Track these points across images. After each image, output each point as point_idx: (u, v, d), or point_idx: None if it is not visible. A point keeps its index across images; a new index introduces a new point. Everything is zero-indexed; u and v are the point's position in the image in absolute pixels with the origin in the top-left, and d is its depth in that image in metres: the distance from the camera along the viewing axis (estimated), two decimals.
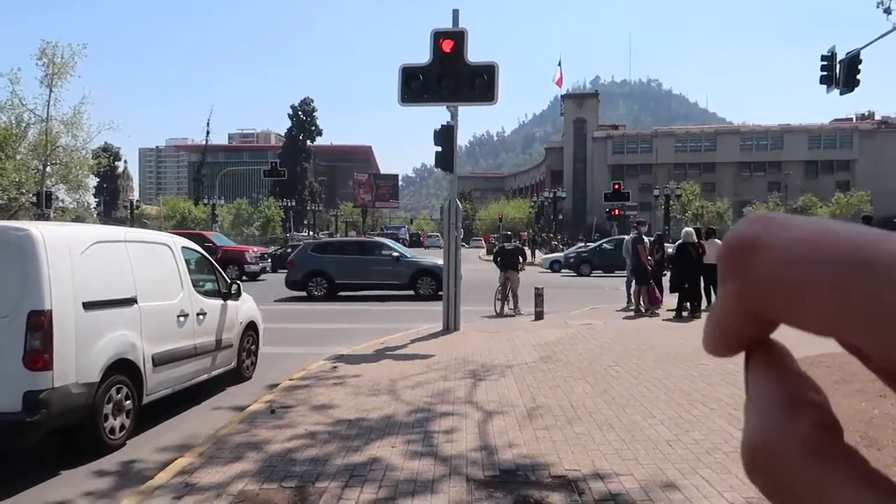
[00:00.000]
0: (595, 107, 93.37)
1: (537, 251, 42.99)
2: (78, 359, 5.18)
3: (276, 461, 4.87)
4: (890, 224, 14.69)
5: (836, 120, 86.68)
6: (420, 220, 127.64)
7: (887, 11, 8.27)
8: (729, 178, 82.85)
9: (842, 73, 16.51)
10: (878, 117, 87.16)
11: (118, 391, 5.64)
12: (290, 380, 7.87)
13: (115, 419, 5.59)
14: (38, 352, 4.91)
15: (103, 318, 5.55)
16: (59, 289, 5.08)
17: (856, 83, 16.40)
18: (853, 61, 16.30)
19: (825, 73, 16.94)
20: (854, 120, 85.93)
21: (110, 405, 5.54)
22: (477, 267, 32.35)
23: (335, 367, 8.46)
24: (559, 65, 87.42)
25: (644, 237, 14.39)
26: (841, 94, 16.62)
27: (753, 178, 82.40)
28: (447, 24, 11.39)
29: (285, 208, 77.29)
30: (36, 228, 5.18)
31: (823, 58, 16.99)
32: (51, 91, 28.49)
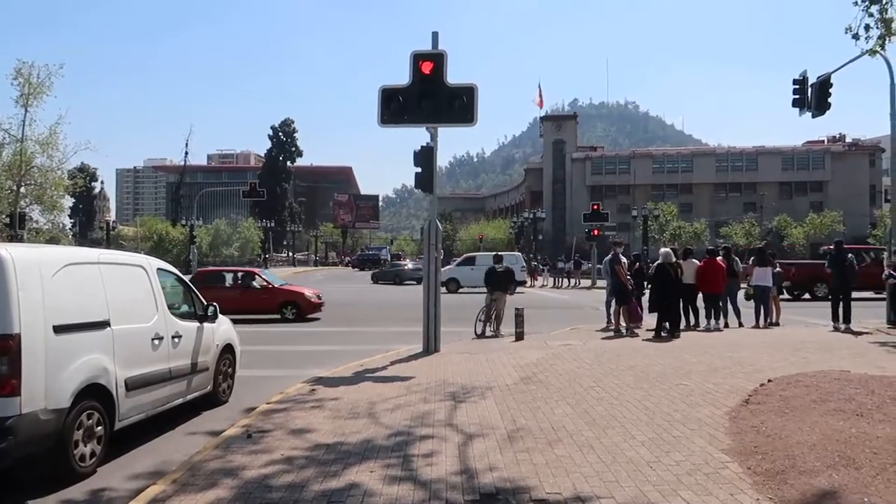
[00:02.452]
0: (574, 128, 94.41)
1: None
2: (47, 384, 5.04)
3: (252, 488, 4.76)
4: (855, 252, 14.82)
5: (808, 142, 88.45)
6: (401, 240, 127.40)
7: (855, 37, 8.50)
8: (705, 199, 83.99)
9: (813, 96, 16.89)
10: (848, 139, 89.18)
11: (89, 417, 5.49)
12: (267, 403, 7.74)
13: (85, 446, 5.44)
14: (6, 377, 4.76)
15: (75, 342, 5.42)
16: (29, 312, 4.96)
17: (827, 106, 16.77)
18: (824, 85, 16.69)
19: (797, 96, 17.31)
20: (826, 142, 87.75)
21: (81, 431, 5.39)
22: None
23: (314, 390, 8.35)
24: (539, 87, 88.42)
25: (621, 257, 14.46)
26: (813, 116, 16.98)
27: (729, 199, 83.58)
28: (427, 47, 11.46)
29: (265, 229, 76.83)
30: (5, 250, 5.06)
31: (795, 81, 17.37)
32: (26, 111, 28.16)
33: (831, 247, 15.50)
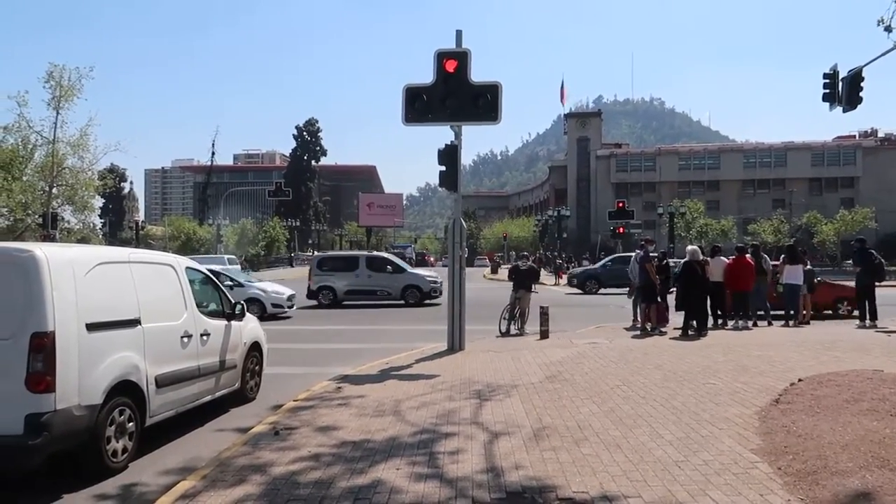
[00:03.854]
0: (598, 125, 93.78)
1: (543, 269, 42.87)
2: (81, 381, 5.15)
3: (280, 484, 4.81)
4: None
5: (838, 137, 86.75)
6: (424, 238, 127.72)
7: (888, 29, 8.30)
8: (733, 196, 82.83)
9: (844, 90, 16.52)
10: (880, 134, 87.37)
11: (121, 413, 5.60)
12: (294, 401, 7.81)
13: (117, 442, 5.55)
14: (41, 374, 4.88)
15: (107, 340, 5.53)
16: (63, 310, 5.07)
17: (858, 100, 16.40)
18: (855, 79, 16.32)
19: (828, 90, 16.96)
20: (857, 137, 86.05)
21: (113, 427, 5.49)
22: (482, 286, 32.29)
23: (339, 388, 8.40)
24: (562, 83, 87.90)
25: (652, 255, 14.28)
26: (844, 111, 16.61)
27: (757, 196, 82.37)
28: (450, 45, 11.46)
29: (290, 228, 77.50)
30: (40, 249, 5.18)
31: (826, 75, 17.02)
32: (57, 113, 28.76)
33: (854, 242, 15.36)
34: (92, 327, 5.34)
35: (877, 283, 14.49)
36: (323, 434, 6.19)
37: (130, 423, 5.72)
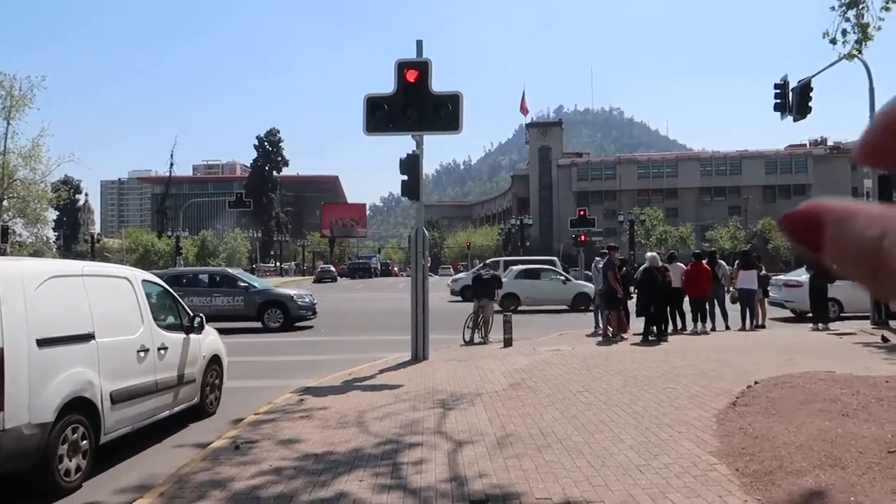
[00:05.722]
0: (559, 135, 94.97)
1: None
2: (31, 398, 4.98)
3: (241, 499, 4.72)
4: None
5: (790, 146, 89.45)
6: (388, 248, 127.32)
7: (833, 42, 8.61)
8: (691, 203, 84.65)
9: (794, 100, 17.08)
10: (830, 143, 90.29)
11: (74, 431, 5.43)
12: (255, 414, 7.69)
13: (70, 460, 5.37)
14: None
15: (58, 355, 5.36)
16: (12, 325, 4.90)
17: (808, 110, 16.97)
18: (805, 89, 16.89)
19: (779, 100, 17.51)
20: (808, 146, 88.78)
21: (65, 446, 5.32)
22: (446, 295, 32.29)
23: (302, 400, 8.30)
24: (523, 94, 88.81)
25: (615, 262, 14.34)
26: (794, 120, 17.16)
27: (714, 203, 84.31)
28: (411, 55, 11.50)
29: (252, 239, 76.46)
30: None
31: (777, 86, 17.58)
32: (8, 124, 28.05)
33: None
34: (43, 343, 5.17)
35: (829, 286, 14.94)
36: (285, 447, 6.10)
37: (84, 441, 5.55)
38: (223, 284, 19.41)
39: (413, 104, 11.13)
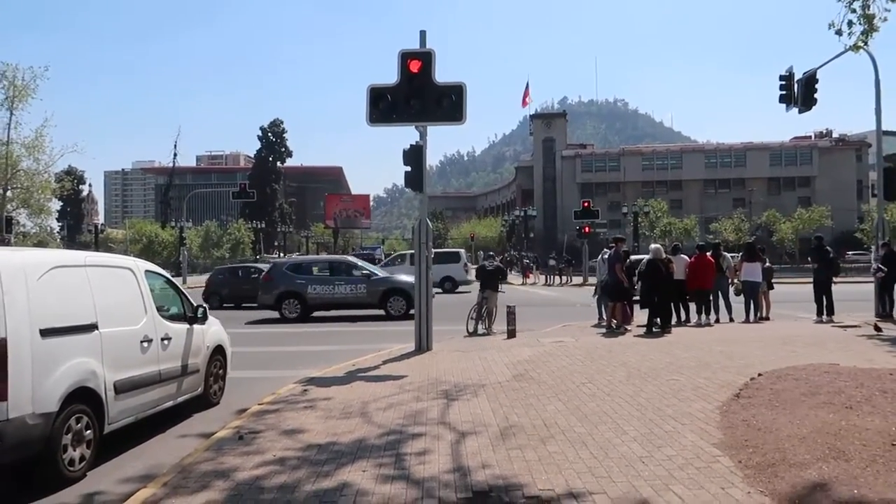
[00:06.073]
0: (563, 126, 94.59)
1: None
2: (35, 388, 4.99)
3: (244, 489, 4.73)
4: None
5: (795, 138, 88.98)
6: (392, 240, 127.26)
7: (839, 33, 8.51)
8: (695, 195, 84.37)
9: (800, 92, 16.98)
10: (835, 135, 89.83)
11: (78, 421, 5.44)
12: (259, 404, 7.70)
13: (74, 450, 5.39)
14: None
15: (62, 346, 5.37)
16: (15, 316, 4.91)
17: (813, 102, 16.86)
18: (810, 81, 16.78)
19: (784, 92, 17.40)
20: (813, 138, 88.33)
21: (69, 436, 5.34)
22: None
23: (306, 391, 8.32)
24: (527, 85, 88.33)
25: (620, 254, 14.25)
26: (800, 112, 17.07)
27: (718, 195, 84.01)
28: (415, 45, 11.44)
29: (255, 230, 76.52)
30: None
31: (782, 77, 17.46)
32: (11, 114, 27.98)
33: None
34: (46, 333, 5.18)
35: (833, 280, 14.95)
36: (288, 437, 6.11)
37: (88, 431, 5.57)
38: (344, 272, 19.61)
39: (416, 95, 11.08)
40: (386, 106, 11.18)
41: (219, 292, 24.63)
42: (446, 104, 11.13)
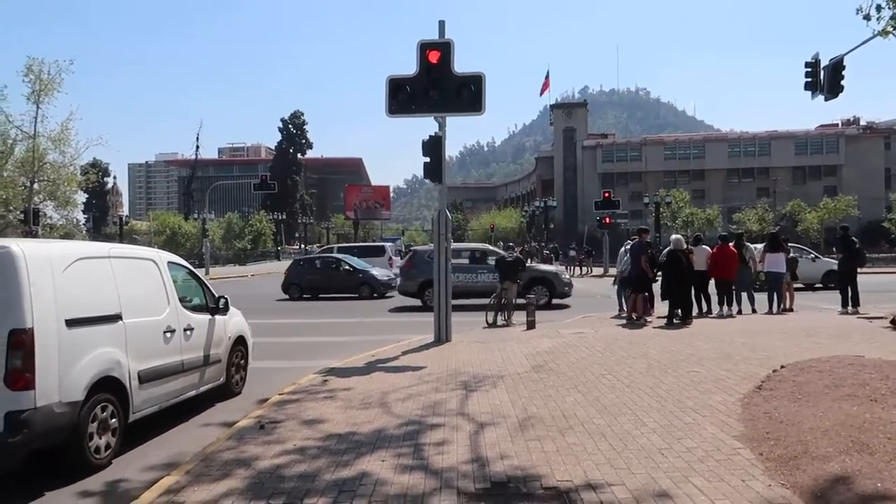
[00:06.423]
0: (584, 116, 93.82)
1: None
2: (61, 377, 5.10)
3: (265, 478, 4.80)
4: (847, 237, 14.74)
5: (821, 126, 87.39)
6: (412, 231, 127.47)
7: (867, 18, 8.32)
8: (718, 185, 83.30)
9: (826, 79, 16.64)
10: (862, 122, 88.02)
11: (103, 409, 5.55)
12: (279, 394, 7.79)
13: (100, 438, 5.50)
14: (20, 371, 4.82)
15: (87, 336, 5.47)
16: (41, 306, 5.01)
17: (840, 89, 16.52)
18: (837, 67, 16.43)
19: (809, 79, 17.08)
20: (839, 125, 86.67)
21: (95, 424, 5.45)
22: None
23: (326, 381, 8.39)
24: (547, 74, 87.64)
25: (644, 246, 14.06)
26: (826, 99, 16.74)
27: (742, 185, 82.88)
28: (433, 36, 11.40)
29: (276, 222, 77.07)
30: (17, 245, 5.11)
31: (807, 64, 17.13)
32: (38, 107, 28.31)
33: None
34: (72, 323, 5.28)
35: (858, 270, 14.69)
36: (308, 427, 6.18)
37: (113, 420, 5.68)
38: (484, 261, 19.22)
39: (435, 85, 11.05)
40: (405, 97, 11.17)
41: (299, 282, 24.13)
42: (465, 95, 11.08)
